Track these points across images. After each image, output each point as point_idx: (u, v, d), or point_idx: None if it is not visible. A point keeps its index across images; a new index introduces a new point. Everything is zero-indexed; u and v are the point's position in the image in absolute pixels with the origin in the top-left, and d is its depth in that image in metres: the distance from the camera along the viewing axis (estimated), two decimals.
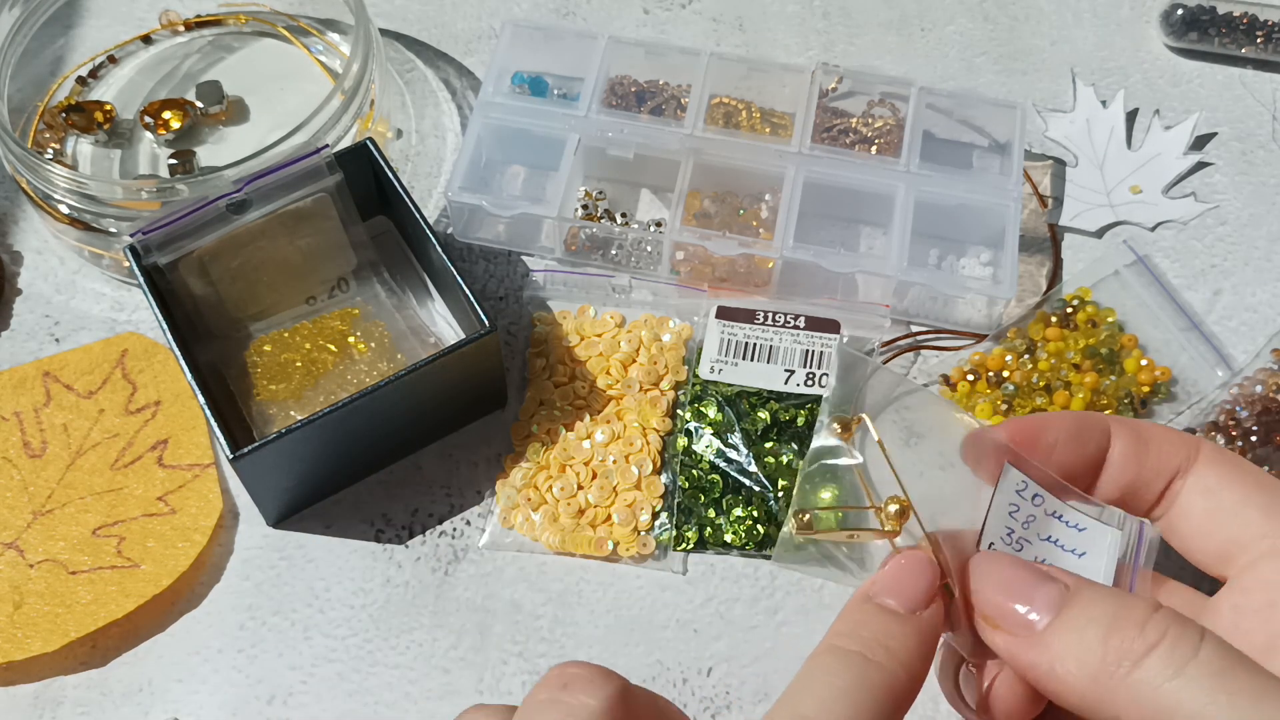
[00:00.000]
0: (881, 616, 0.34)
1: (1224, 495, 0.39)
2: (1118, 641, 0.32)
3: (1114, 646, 0.32)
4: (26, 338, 0.65)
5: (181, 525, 0.58)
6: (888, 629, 0.33)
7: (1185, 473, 0.40)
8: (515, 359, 0.64)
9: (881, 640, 0.33)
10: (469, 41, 0.76)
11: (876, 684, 0.32)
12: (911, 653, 0.33)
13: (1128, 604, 0.33)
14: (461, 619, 0.57)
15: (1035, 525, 0.38)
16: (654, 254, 0.66)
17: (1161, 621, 0.32)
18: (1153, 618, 0.32)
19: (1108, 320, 0.64)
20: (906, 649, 0.33)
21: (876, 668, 0.32)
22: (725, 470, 0.59)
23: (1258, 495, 0.38)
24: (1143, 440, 0.40)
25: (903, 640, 0.33)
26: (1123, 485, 0.40)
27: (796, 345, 0.62)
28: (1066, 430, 0.39)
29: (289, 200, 0.59)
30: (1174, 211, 0.69)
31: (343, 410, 0.54)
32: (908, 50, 0.76)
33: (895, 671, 0.32)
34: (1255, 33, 0.74)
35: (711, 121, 0.68)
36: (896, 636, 0.33)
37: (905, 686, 0.33)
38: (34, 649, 0.54)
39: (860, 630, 0.33)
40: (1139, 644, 0.32)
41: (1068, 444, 0.39)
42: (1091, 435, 0.40)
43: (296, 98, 0.72)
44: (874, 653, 0.32)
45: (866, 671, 0.32)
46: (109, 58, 0.74)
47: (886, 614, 0.34)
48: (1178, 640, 0.32)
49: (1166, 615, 0.32)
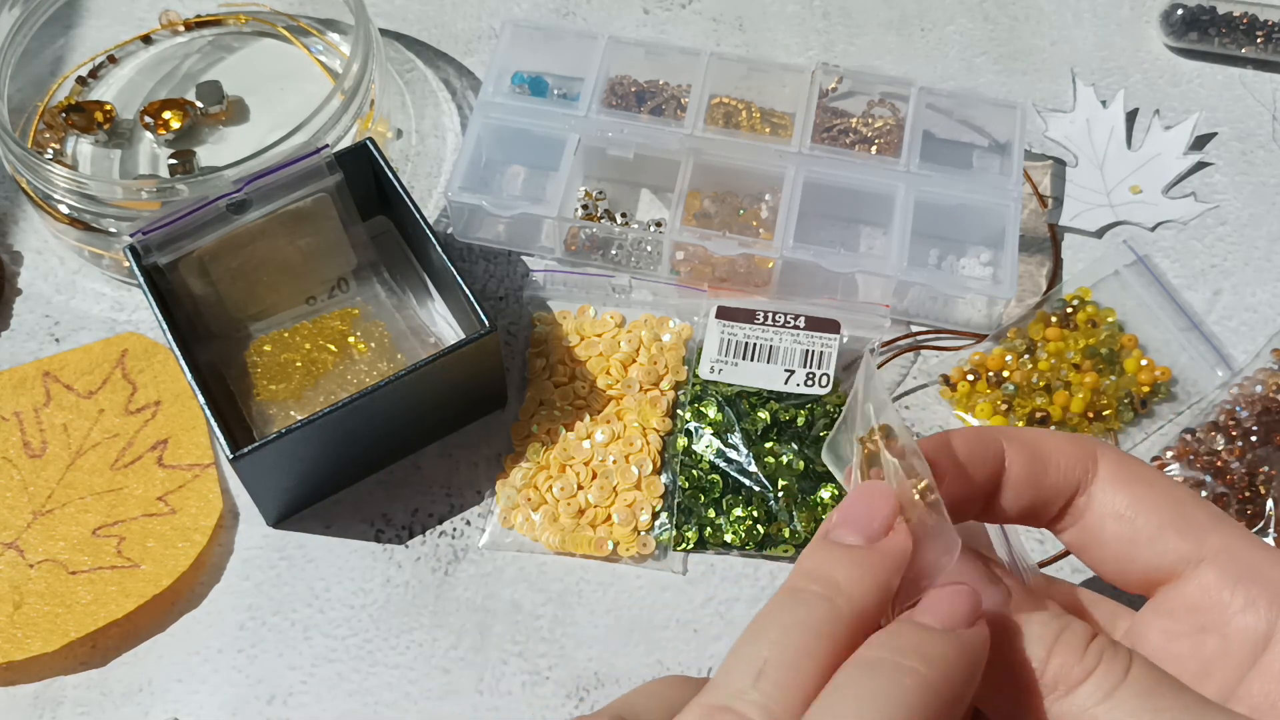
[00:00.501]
0: (838, 551, 0.33)
1: (1138, 521, 0.37)
2: (1058, 663, 0.32)
3: (1054, 668, 0.32)
4: (26, 338, 0.65)
5: (181, 525, 0.58)
6: (843, 562, 0.32)
7: (1086, 487, 0.38)
8: (515, 359, 0.64)
9: (836, 575, 0.32)
10: (469, 41, 0.76)
11: (827, 619, 0.31)
12: (868, 584, 0.32)
13: (1070, 628, 0.33)
14: (461, 619, 0.57)
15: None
16: (654, 254, 0.66)
17: (1097, 647, 0.32)
18: (1092, 644, 0.32)
19: (1108, 320, 0.64)
20: (862, 582, 0.32)
21: (828, 604, 0.31)
22: (725, 470, 0.59)
23: (1171, 514, 0.37)
24: (1039, 458, 0.38)
25: (860, 572, 0.32)
26: (1021, 507, 0.38)
27: (796, 345, 0.62)
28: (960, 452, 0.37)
29: (289, 200, 0.59)
30: (1174, 211, 0.69)
31: (343, 410, 0.54)
32: (908, 50, 0.76)
33: (851, 605, 0.32)
34: (1255, 33, 0.74)
35: (711, 121, 0.68)
36: (852, 569, 0.32)
37: (863, 619, 0.32)
38: (34, 649, 0.54)
39: (818, 569, 0.32)
40: (1077, 670, 0.32)
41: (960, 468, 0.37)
42: (985, 455, 0.38)
43: (296, 98, 0.72)
44: (828, 589, 0.32)
45: (818, 609, 0.31)
46: (109, 58, 0.74)
47: (842, 549, 0.33)
48: (1110, 665, 0.32)
49: (1101, 640, 0.33)
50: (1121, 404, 0.62)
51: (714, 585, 0.58)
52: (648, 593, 0.58)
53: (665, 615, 0.57)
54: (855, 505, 0.34)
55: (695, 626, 0.57)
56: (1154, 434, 0.62)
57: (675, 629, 0.57)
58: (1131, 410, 0.62)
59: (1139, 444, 0.61)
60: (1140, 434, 0.62)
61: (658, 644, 0.56)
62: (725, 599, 0.57)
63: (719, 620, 0.57)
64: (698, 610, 0.57)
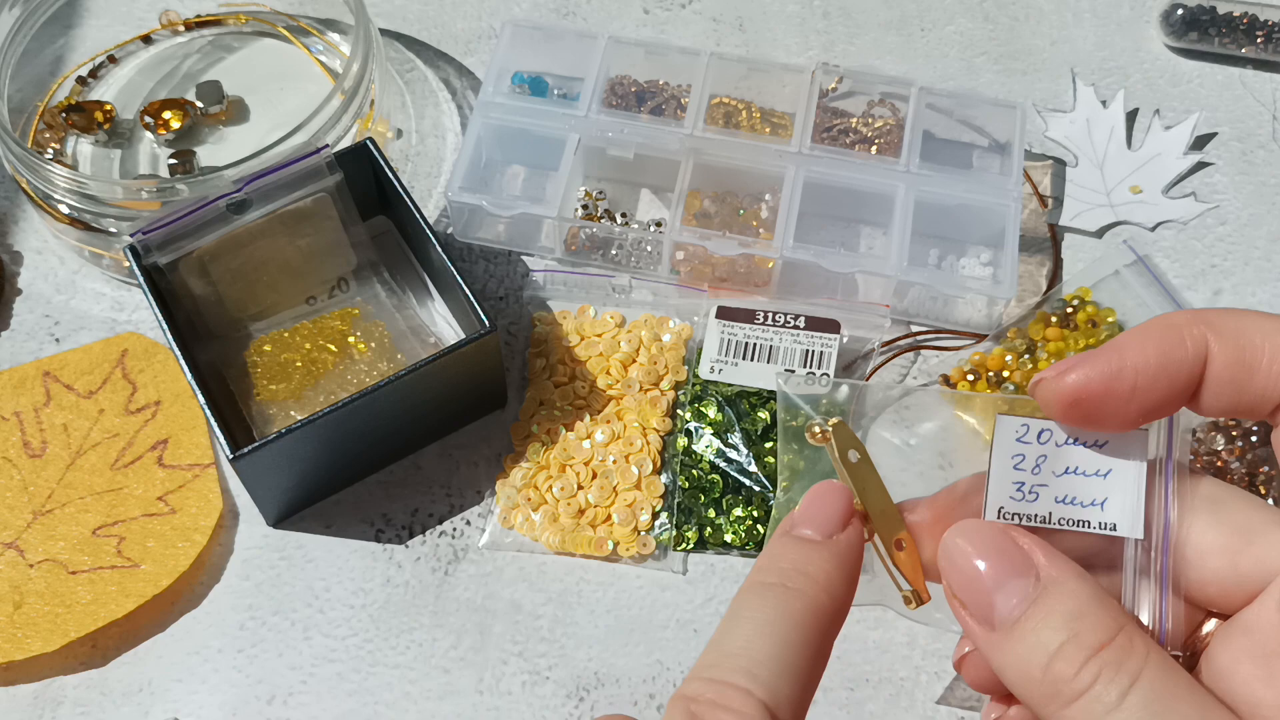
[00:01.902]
0: (798, 545, 0.34)
1: None
2: (1055, 674, 0.31)
3: (1051, 677, 0.31)
4: (26, 338, 0.65)
5: (181, 525, 0.58)
6: (805, 556, 0.33)
7: None
8: (515, 359, 0.64)
9: (799, 568, 0.33)
10: (469, 41, 0.76)
11: (798, 610, 0.32)
12: (831, 575, 0.33)
13: (1078, 635, 0.31)
14: (461, 619, 0.57)
15: (1049, 463, 0.35)
16: (654, 254, 0.66)
17: (1098, 662, 0.31)
18: (1097, 655, 0.31)
19: (1108, 320, 0.64)
20: (825, 572, 0.33)
21: (797, 595, 0.33)
22: (725, 470, 0.59)
23: None
24: (1244, 361, 0.33)
25: (820, 564, 0.33)
26: (1223, 408, 0.34)
27: (796, 345, 0.62)
28: (1148, 373, 0.34)
29: (289, 200, 0.59)
30: (1174, 211, 0.69)
31: (343, 410, 0.54)
32: (908, 50, 0.76)
33: (816, 596, 0.33)
34: (1255, 33, 0.74)
35: (711, 121, 0.68)
36: (814, 561, 0.33)
37: (829, 609, 0.33)
38: (34, 649, 0.54)
39: (778, 563, 0.33)
40: (1072, 685, 0.31)
41: (1149, 388, 0.34)
42: (1184, 357, 0.34)
43: (296, 98, 0.72)
44: (793, 581, 0.33)
45: (787, 600, 0.32)
46: (109, 58, 0.74)
47: (803, 542, 0.34)
48: (1111, 680, 0.30)
49: (1111, 650, 0.31)
50: None
51: (714, 585, 0.58)
52: (648, 593, 0.58)
53: (665, 615, 0.57)
54: (812, 502, 0.35)
55: (695, 626, 0.57)
56: None
57: (675, 629, 0.57)
58: None
59: None
60: None
61: (658, 644, 0.56)
62: (725, 599, 0.57)
63: (719, 620, 0.57)
64: (698, 610, 0.57)
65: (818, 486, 0.35)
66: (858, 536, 0.35)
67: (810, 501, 0.35)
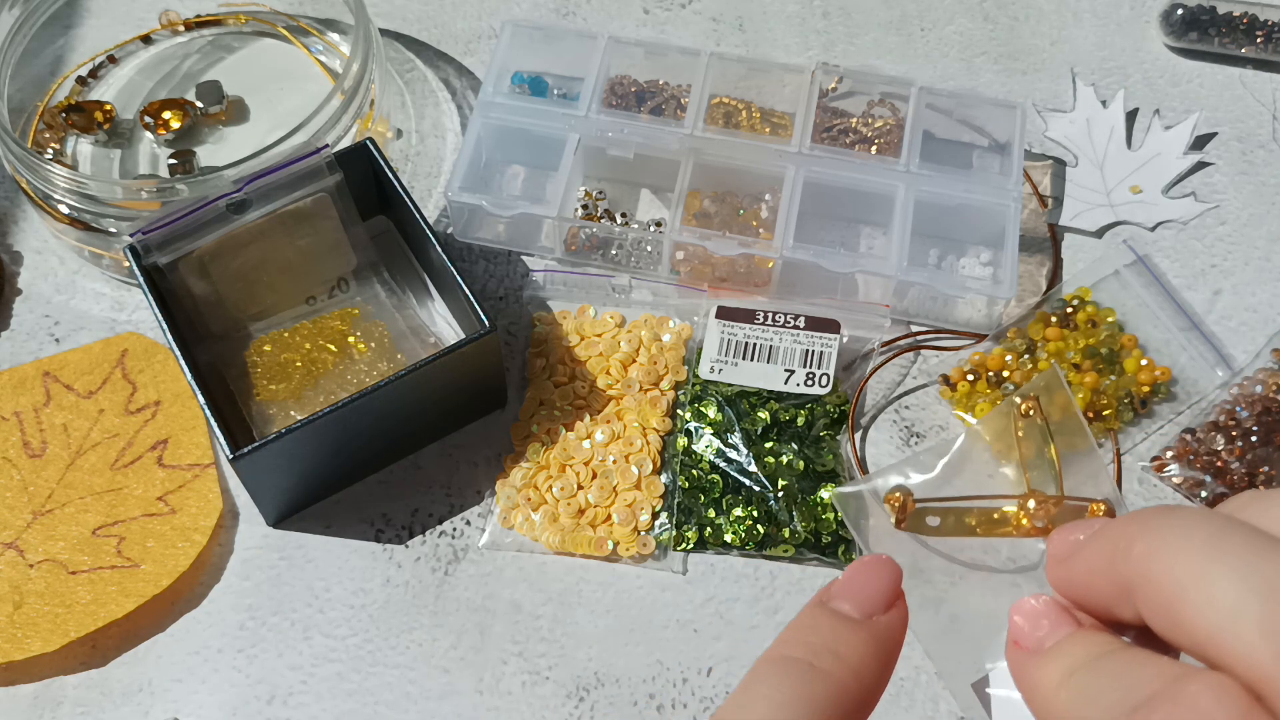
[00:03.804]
0: (833, 621, 0.30)
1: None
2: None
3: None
4: (26, 338, 0.65)
5: (181, 525, 0.58)
6: (838, 634, 0.30)
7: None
8: (515, 359, 0.64)
9: (830, 646, 0.29)
10: (469, 41, 0.76)
11: (820, 694, 0.28)
12: (864, 659, 0.29)
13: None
14: (461, 619, 0.57)
15: None
16: (654, 254, 0.66)
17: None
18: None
19: (1108, 320, 0.64)
20: (859, 655, 0.29)
21: (822, 676, 0.29)
22: (725, 470, 0.59)
23: None
24: (1172, 617, 0.27)
25: (854, 646, 0.29)
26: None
27: (796, 345, 0.62)
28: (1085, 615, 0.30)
29: (289, 200, 0.59)
30: (1174, 211, 0.69)
31: (343, 410, 0.54)
32: (908, 50, 0.76)
33: (844, 679, 0.29)
34: (1255, 33, 0.74)
35: (711, 121, 0.68)
36: (848, 642, 0.29)
37: (856, 696, 0.29)
38: (34, 649, 0.54)
39: (808, 636, 0.30)
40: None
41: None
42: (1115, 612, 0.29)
43: (296, 98, 0.72)
44: (821, 660, 0.29)
45: (810, 680, 0.29)
46: (109, 58, 0.74)
47: (839, 618, 0.30)
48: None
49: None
50: (1121, 404, 0.62)
51: (714, 585, 0.58)
52: (648, 593, 0.58)
53: (665, 615, 0.57)
54: (857, 576, 0.31)
55: (695, 626, 0.57)
56: (1154, 434, 0.62)
57: (675, 629, 0.57)
58: (1131, 410, 0.62)
59: (1139, 444, 0.61)
60: (1140, 434, 0.62)
61: (658, 644, 0.56)
62: (725, 599, 0.57)
63: (719, 620, 0.57)
64: (698, 610, 0.57)
65: (866, 558, 0.32)
66: (901, 621, 0.31)
67: (854, 573, 0.31)
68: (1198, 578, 0.24)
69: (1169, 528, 0.26)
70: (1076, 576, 0.29)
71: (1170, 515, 0.26)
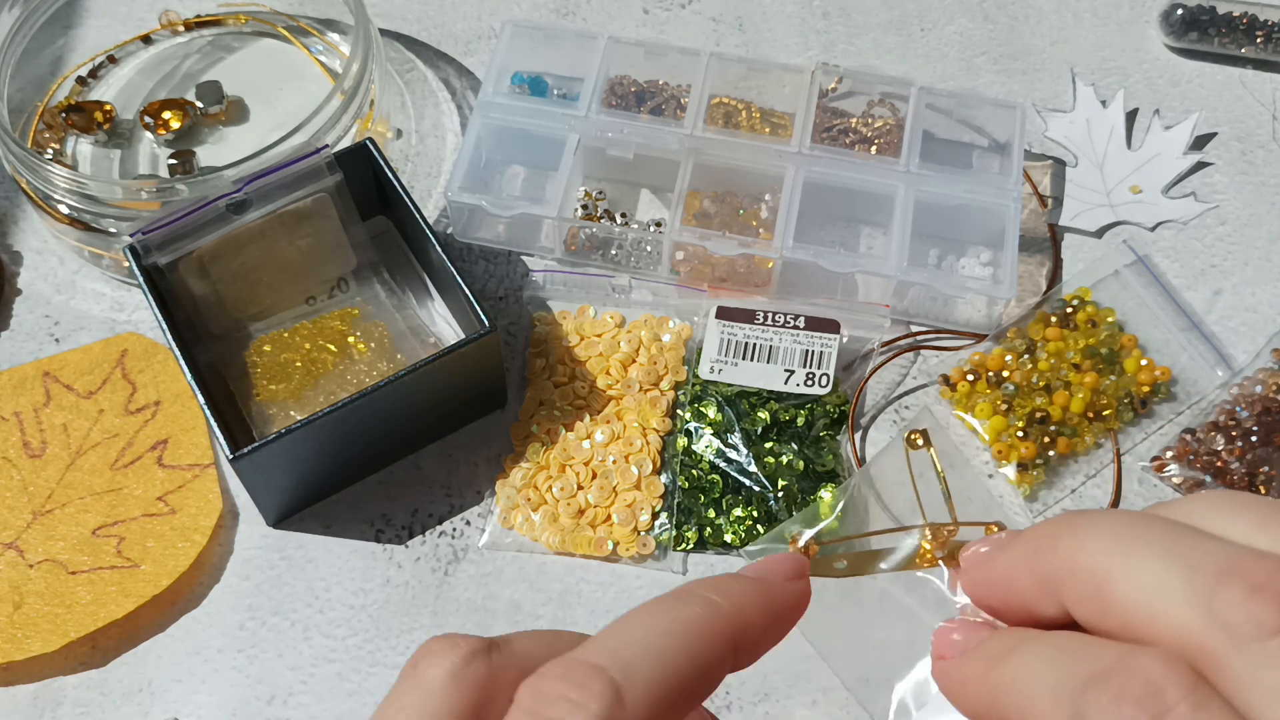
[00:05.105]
0: (729, 577, 0.31)
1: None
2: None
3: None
4: (26, 338, 0.65)
5: (181, 525, 0.58)
6: (729, 582, 0.31)
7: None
8: (515, 359, 0.64)
9: (718, 587, 0.30)
10: (469, 41, 0.76)
11: (695, 614, 0.29)
12: (748, 598, 0.30)
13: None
14: (461, 619, 0.57)
15: None
16: (654, 254, 0.66)
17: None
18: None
19: (1108, 320, 0.64)
20: (742, 593, 0.30)
21: (700, 601, 0.29)
22: (725, 470, 0.59)
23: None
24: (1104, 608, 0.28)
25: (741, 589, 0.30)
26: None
27: (796, 345, 0.62)
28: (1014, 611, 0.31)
29: (289, 200, 0.59)
30: (1174, 211, 0.69)
31: (343, 410, 0.54)
32: (908, 50, 0.76)
33: (721, 607, 0.29)
34: (1255, 33, 0.74)
35: (711, 121, 0.68)
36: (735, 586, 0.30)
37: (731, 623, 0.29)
38: (34, 649, 0.54)
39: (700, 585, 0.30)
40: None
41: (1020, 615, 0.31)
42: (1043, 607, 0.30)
43: (296, 98, 0.72)
44: (702, 592, 0.30)
45: (688, 604, 0.29)
46: (109, 58, 0.74)
47: (736, 576, 0.31)
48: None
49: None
50: (1121, 404, 0.62)
51: None
52: (648, 593, 0.58)
53: None
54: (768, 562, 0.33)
55: None
56: (1154, 434, 0.62)
57: None
58: (1131, 410, 0.62)
59: (1139, 444, 0.61)
60: (1140, 434, 0.62)
61: None
62: None
63: None
64: None
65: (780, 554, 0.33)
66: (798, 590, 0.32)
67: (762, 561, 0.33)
68: (1124, 560, 0.26)
69: (1094, 521, 0.27)
70: (996, 576, 0.30)
71: (1093, 513, 0.28)
